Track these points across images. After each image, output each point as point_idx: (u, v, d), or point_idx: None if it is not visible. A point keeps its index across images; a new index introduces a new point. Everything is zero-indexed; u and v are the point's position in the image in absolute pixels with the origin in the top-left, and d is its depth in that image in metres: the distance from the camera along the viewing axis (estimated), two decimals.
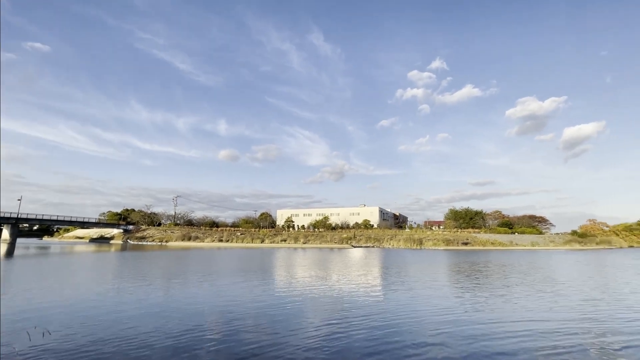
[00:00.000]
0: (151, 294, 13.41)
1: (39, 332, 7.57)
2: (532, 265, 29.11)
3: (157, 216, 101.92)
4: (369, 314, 10.21)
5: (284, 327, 8.73)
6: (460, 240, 72.57)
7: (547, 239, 79.96)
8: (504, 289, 15.37)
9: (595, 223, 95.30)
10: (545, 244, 75.48)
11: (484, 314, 10.37)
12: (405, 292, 14.37)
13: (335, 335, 7.93)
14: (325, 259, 35.82)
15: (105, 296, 12.81)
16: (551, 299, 13.04)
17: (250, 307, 11.07)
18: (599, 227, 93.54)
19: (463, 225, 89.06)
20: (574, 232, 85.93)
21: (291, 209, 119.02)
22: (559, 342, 7.52)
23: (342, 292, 14.41)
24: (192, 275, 20.05)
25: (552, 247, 73.00)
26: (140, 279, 17.65)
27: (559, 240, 78.97)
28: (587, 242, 79.55)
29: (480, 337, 7.83)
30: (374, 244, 74.66)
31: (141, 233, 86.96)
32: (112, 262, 29.45)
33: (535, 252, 54.60)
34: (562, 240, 78.93)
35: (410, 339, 7.73)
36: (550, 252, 55.68)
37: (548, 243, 76.21)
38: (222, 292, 14.11)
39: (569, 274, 22.62)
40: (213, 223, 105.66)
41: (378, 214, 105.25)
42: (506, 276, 20.54)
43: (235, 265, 27.68)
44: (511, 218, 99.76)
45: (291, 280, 18.46)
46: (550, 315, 10.26)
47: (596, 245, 79.38)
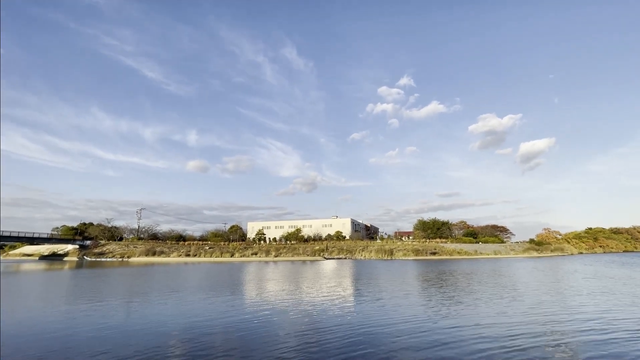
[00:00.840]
0: (109, 314, 12.48)
1: None
2: (495, 272, 30.62)
3: (118, 230, 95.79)
4: (339, 324, 10.18)
5: (255, 343, 8.46)
6: (428, 250, 74.83)
7: (508, 247, 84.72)
8: (468, 296, 16.00)
9: (550, 232, 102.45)
10: (507, 252, 79.86)
11: (449, 320, 10.72)
12: (375, 302, 14.51)
13: (306, 348, 7.81)
14: (297, 272, 35.37)
15: (58, 319, 11.74)
16: (509, 303, 13.76)
17: (218, 325, 10.63)
18: (553, 236, 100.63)
19: (431, 235, 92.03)
20: (532, 241, 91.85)
21: (262, 222, 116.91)
22: (517, 343, 7.93)
23: (313, 304, 14.27)
24: (155, 292, 18.94)
25: (512, 255, 77.35)
26: (97, 299, 16.38)
27: (518, 249, 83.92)
28: (543, 250, 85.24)
29: (447, 343, 8.07)
30: (346, 256, 74.93)
31: (100, 249, 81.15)
32: (64, 282, 27.13)
33: (497, 261, 57.52)
34: (521, 249, 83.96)
35: (381, 348, 7.79)
36: (511, 260, 58.92)
37: (509, 251, 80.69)
38: (188, 310, 13.44)
39: (526, 280, 24.03)
40: (180, 237, 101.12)
41: (350, 225, 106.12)
42: (471, 284, 21.42)
43: (203, 281, 26.55)
44: (475, 228, 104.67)
45: (261, 295, 18.01)
46: (507, 318, 10.81)
47: (551, 252, 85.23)
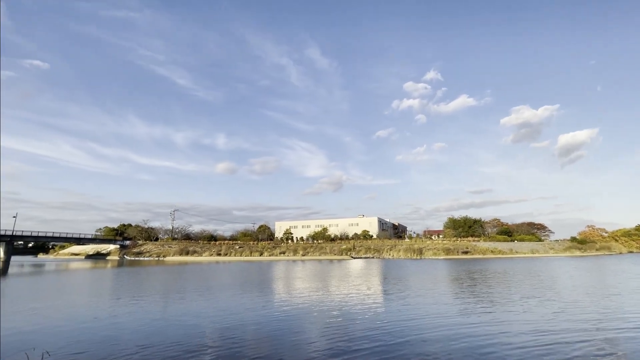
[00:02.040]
0: (149, 311, 13.19)
1: (39, 353, 7.40)
2: (533, 272, 28.96)
3: (154, 231, 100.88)
4: (369, 324, 10.08)
5: (284, 339, 8.59)
6: (460, 249, 72.25)
7: (547, 246, 79.83)
8: (503, 297, 15.25)
9: (594, 229, 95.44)
10: (545, 251, 75.32)
11: (481, 322, 10.26)
12: (406, 303, 14.21)
13: (337, 348, 7.80)
14: (325, 270, 35.47)
15: (103, 315, 12.58)
16: (556, 306, 12.94)
17: (250, 322, 10.90)
18: (598, 233, 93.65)
19: (462, 234, 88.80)
20: (574, 239, 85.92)
21: (289, 221, 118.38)
22: (563, 350, 7.45)
23: (342, 303, 14.23)
24: (190, 290, 19.76)
25: (552, 254, 72.83)
26: (137, 296, 17.37)
27: (558, 247, 78.86)
28: (587, 249, 79.50)
29: (486, 348, 7.73)
30: (373, 255, 74.11)
31: (138, 248, 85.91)
32: (109, 280, 29.00)
33: (535, 260, 54.41)
34: (561, 247, 78.82)
35: (413, 351, 7.62)
36: (551, 259, 55.52)
37: (548, 250, 76.06)
38: (221, 306, 13.88)
39: (566, 279, 22.50)
40: (211, 237, 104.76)
41: (377, 224, 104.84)
42: (505, 284, 20.40)
43: (235, 279, 27.33)
44: (510, 226, 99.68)
45: (291, 292, 18.23)
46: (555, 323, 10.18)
47: (596, 251, 79.32)
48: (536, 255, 69.99)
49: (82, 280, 28.58)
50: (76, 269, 44.25)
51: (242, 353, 7.63)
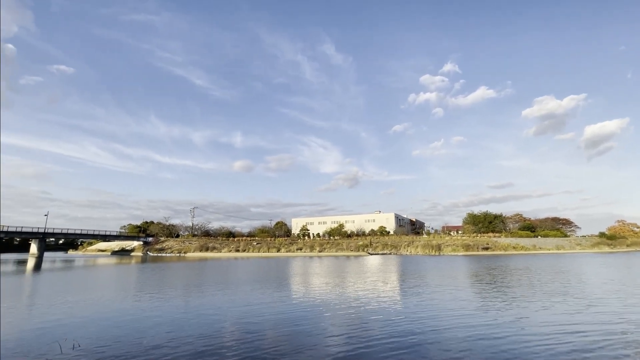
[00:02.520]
0: (173, 305, 13.61)
1: (70, 344, 7.77)
2: (558, 268, 27.86)
3: (175, 228, 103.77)
4: (388, 322, 10.00)
5: (304, 335, 8.65)
6: (480, 245, 70.54)
7: (573, 241, 76.67)
8: (530, 295, 14.75)
9: (624, 224, 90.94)
10: (572, 247, 72.39)
11: (500, 318, 9.97)
12: (426, 300, 14.00)
13: (356, 343, 7.79)
14: (342, 267, 35.48)
15: (129, 308, 13.09)
16: (581, 304, 12.41)
17: (269, 316, 11.05)
18: (629, 229, 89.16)
19: (482, 229, 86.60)
20: (602, 234, 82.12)
21: (306, 218, 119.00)
22: (587, 349, 7.13)
23: (359, 299, 14.19)
24: (211, 285, 20.24)
25: (579, 251, 69.91)
26: (162, 291, 17.96)
27: (586, 243, 75.58)
28: (617, 245, 75.79)
29: (506, 346, 7.52)
30: (390, 251, 73.49)
31: (160, 245, 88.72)
32: (134, 275, 30.13)
33: (560, 256, 52.37)
34: (589, 243, 75.50)
35: (433, 348, 7.50)
36: (577, 256, 53.30)
37: (574, 246, 73.05)
38: (242, 302, 14.14)
39: (592, 276, 21.50)
40: (230, 233, 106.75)
41: (394, 220, 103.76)
42: (532, 281, 19.72)
43: (254, 275, 27.77)
44: (533, 221, 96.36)
45: (309, 288, 18.34)
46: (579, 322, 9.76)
47: (627, 247, 75.52)
48: (561, 252, 67.36)
49: (109, 275, 29.82)
50: (103, 264, 46.21)
51: (262, 346, 7.75)
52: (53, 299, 15.28)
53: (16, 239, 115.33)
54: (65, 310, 12.65)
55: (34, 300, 15.67)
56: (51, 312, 12.33)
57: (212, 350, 7.56)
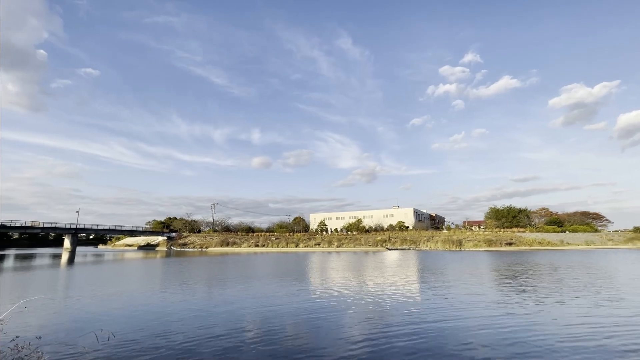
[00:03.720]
0: (198, 299, 14.11)
1: (105, 334, 8.25)
2: (585, 264, 26.66)
3: (197, 223, 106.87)
4: (406, 315, 9.96)
5: (325, 329, 8.77)
6: (503, 241, 68.47)
7: (605, 237, 72.96)
8: (555, 291, 14.24)
9: None
10: (603, 242, 68.97)
11: (520, 315, 9.69)
12: (447, 296, 13.81)
13: (375, 341, 7.82)
14: (361, 262, 35.46)
15: (158, 301, 13.69)
16: (610, 301, 11.86)
17: (290, 310, 11.25)
18: None
19: (506, 224, 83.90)
20: (637, 229, 77.55)
21: (324, 213, 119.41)
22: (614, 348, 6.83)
23: (379, 294, 14.17)
24: (233, 279, 20.78)
25: (610, 246, 66.53)
26: (187, 285, 18.64)
27: (618, 238, 71.73)
28: None
29: (531, 344, 7.32)
30: (409, 246, 72.64)
31: (183, 240, 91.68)
32: (160, 268, 31.36)
33: (590, 252, 50.06)
34: (622, 238, 71.59)
35: (453, 345, 7.42)
36: (609, 252, 50.77)
37: (606, 241, 69.56)
38: (263, 296, 14.47)
39: (623, 273, 20.41)
40: (249, 229, 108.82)
41: (413, 215, 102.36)
42: (557, 277, 19.00)
43: (273, 269, 28.26)
44: (560, 215, 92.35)
45: (328, 283, 18.49)
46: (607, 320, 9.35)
47: None
48: (591, 247, 64.35)
49: (137, 269, 31.20)
50: (131, 258, 48.33)
51: (284, 339, 7.93)
52: (87, 291, 16.19)
53: (51, 234, 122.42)
54: (99, 302, 13.39)
55: (70, 292, 16.65)
56: (86, 303, 13.08)
57: (236, 342, 7.81)
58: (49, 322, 10.12)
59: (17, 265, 35.25)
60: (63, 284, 20.34)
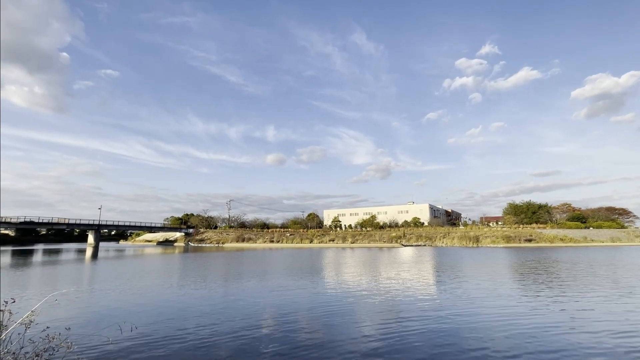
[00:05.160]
0: (215, 293, 14.47)
1: (128, 326, 8.61)
2: (613, 263, 25.63)
3: (213, 219, 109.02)
4: (422, 313, 9.90)
5: (340, 324, 8.85)
6: (522, 237, 66.67)
7: (632, 233, 69.86)
8: (571, 289, 13.80)
9: None
10: (630, 239, 66.09)
11: (540, 315, 9.44)
12: (462, 292, 13.62)
13: (390, 339, 7.83)
14: (376, 258, 35.35)
15: (178, 295, 14.13)
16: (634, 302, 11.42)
17: (305, 306, 11.39)
18: None
19: (525, 220, 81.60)
20: None
21: (338, 209, 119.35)
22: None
23: (395, 293, 14.13)
24: (250, 274, 21.17)
25: (638, 243, 63.69)
26: (205, 279, 19.13)
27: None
28: None
29: (553, 345, 7.16)
30: (425, 243, 71.81)
31: (200, 236, 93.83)
32: (179, 263, 32.26)
33: (616, 249, 48.08)
34: None
35: (471, 343, 7.34)
36: (636, 249, 48.60)
37: (633, 238, 66.62)
38: (279, 290, 14.70)
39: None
40: (264, 225, 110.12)
41: (428, 211, 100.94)
42: (580, 276, 18.37)
43: (289, 264, 28.57)
44: (583, 211, 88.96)
45: (343, 279, 18.56)
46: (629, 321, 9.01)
47: None
48: (617, 244, 61.79)
49: (157, 263, 32.20)
50: (151, 253, 49.89)
51: (299, 334, 8.06)
52: (111, 285, 16.88)
53: (76, 230, 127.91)
54: (123, 296, 13.95)
55: (95, 286, 17.41)
56: (110, 297, 13.66)
57: (253, 336, 8.00)
58: (76, 314, 10.64)
59: (46, 259, 37.05)
60: (88, 278, 21.26)
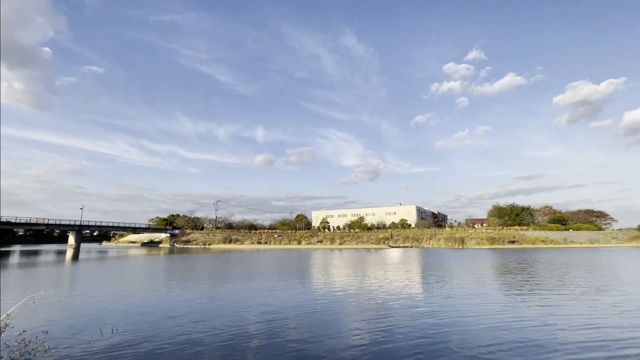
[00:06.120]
0: (201, 295, 14.25)
1: (109, 328, 8.38)
2: (590, 263, 26.59)
3: (200, 220, 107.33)
4: (408, 313, 10.03)
5: (326, 329, 8.85)
6: (506, 239, 68.33)
7: (609, 235, 72.59)
8: (552, 289, 14.25)
9: None
10: (607, 240, 68.62)
11: (522, 313, 9.73)
12: (451, 294, 13.86)
13: (378, 339, 7.89)
14: (363, 259, 35.55)
15: (161, 297, 13.84)
16: (610, 300, 11.87)
17: (292, 309, 11.34)
18: None
19: (509, 222, 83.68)
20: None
21: (326, 210, 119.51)
22: (624, 350, 6.86)
23: (383, 293, 14.25)
24: (236, 276, 20.94)
25: (615, 245, 66.16)
26: (190, 281, 18.81)
27: (622, 237, 71.31)
28: None
29: (539, 346, 7.37)
30: (412, 244, 72.66)
31: (186, 237, 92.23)
32: (164, 265, 31.61)
33: (594, 250, 49.83)
34: (626, 237, 71.17)
35: (456, 343, 7.48)
36: (613, 250, 50.51)
37: (610, 240, 69.20)
38: (265, 292, 14.59)
39: (630, 273, 20.35)
40: (252, 226, 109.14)
41: (415, 213, 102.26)
42: (558, 275, 18.99)
43: (276, 266, 28.40)
44: (564, 213, 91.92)
45: (330, 280, 18.58)
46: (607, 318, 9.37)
47: None
48: (595, 246, 64.03)
49: (141, 265, 31.47)
50: (134, 255, 48.73)
51: (285, 336, 8.03)
52: (92, 288, 16.39)
53: (56, 231, 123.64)
54: (104, 298, 13.56)
55: (75, 288, 16.87)
56: (91, 299, 13.25)
57: (238, 338, 7.91)
58: (55, 317, 10.28)
59: (23, 261, 35.68)
60: (68, 280, 20.59)
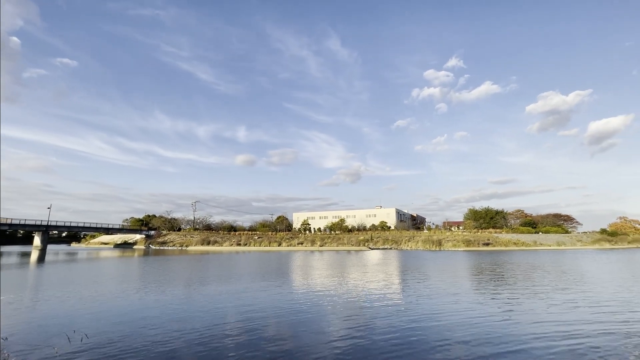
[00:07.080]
0: (176, 299, 13.82)
1: (78, 336, 7.95)
2: (556, 264, 28.02)
3: (177, 221, 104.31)
4: (387, 314, 10.16)
5: (306, 329, 8.81)
6: (481, 241, 70.73)
7: (574, 238, 76.78)
8: (525, 289, 14.90)
9: (626, 221, 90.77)
10: (572, 243, 72.50)
11: (499, 314, 10.11)
12: (426, 294, 14.16)
13: (357, 337, 7.94)
14: (343, 261, 35.73)
15: (134, 301, 13.30)
16: (578, 297, 12.55)
17: (271, 311, 11.22)
18: (631, 225, 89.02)
19: (483, 225, 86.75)
20: (604, 231, 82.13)
21: (307, 212, 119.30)
22: (590, 343, 7.26)
23: (362, 294, 14.36)
24: (213, 279, 20.47)
25: (579, 247, 70.03)
26: (165, 284, 18.20)
27: (587, 240, 75.67)
28: (618, 241, 75.81)
29: (507, 339, 7.65)
30: (391, 246, 73.80)
31: (162, 238, 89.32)
32: (137, 268, 30.44)
33: (561, 252, 52.53)
34: (590, 240, 75.59)
35: (433, 341, 7.64)
36: (578, 252, 53.44)
37: (575, 242, 73.17)
38: (243, 295, 14.34)
39: (591, 272, 21.62)
40: (231, 227, 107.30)
41: (395, 215, 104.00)
42: (530, 276, 19.88)
43: (255, 268, 28.02)
44: (534, 217, 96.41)
45: (310, 282, 18.54)
46: (577, 315, 9.90)
47: (628, 244, 75.49)
48: (562, 248, 67.51)
49: (113, 268, 30.15)
50: (106, 257, 46.65)
51: (264, 339, 7.91)
52: (59, 292, 15.52)
53: (19, 232, 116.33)
54: (72, 303, 12.87)
55: (40, 292, 15.92)
56: (58, 304, 12.55)
57: (215, 343, 7.72)
58: (17, 323, 9.65)
59: None
60: (33, 284, 19.43)
